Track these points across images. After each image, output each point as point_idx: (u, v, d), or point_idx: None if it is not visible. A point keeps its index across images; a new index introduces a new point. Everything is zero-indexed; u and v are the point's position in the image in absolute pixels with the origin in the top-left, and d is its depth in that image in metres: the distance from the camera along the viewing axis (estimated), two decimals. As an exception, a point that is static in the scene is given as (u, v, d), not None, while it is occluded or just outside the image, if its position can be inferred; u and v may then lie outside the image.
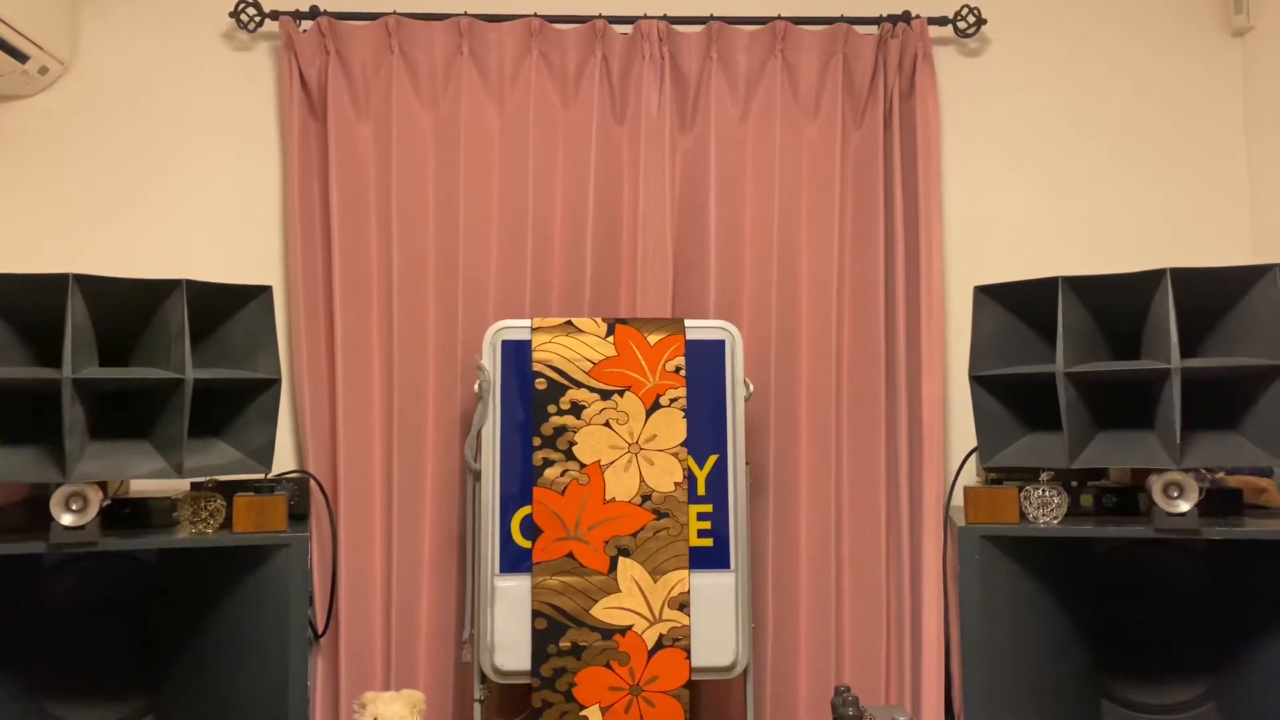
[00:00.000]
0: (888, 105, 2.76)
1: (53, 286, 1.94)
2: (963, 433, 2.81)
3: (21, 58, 2.53)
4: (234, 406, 2.15)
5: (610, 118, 2.74)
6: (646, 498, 2.40)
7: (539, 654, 2.34)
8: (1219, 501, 2.27)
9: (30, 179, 2.72)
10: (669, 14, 2.81)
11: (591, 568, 2.37)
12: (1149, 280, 2.09)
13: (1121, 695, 2.33)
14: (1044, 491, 2.22)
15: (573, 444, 2.40)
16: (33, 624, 2.17)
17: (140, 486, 2.51)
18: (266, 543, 2.11)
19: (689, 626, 2.37)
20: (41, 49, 2.57)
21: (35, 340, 2.02)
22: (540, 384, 2.42)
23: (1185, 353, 2.12)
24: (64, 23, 2.67)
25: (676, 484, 2.41)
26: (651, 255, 2.70)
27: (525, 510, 2.39)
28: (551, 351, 2.43)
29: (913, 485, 2.72)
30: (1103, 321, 2.18)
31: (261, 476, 2.37)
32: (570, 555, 2.37)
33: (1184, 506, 2.09)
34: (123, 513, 2.20)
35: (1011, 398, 2.24)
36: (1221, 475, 2.38)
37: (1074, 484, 2.37)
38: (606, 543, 2.38)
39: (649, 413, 2.43)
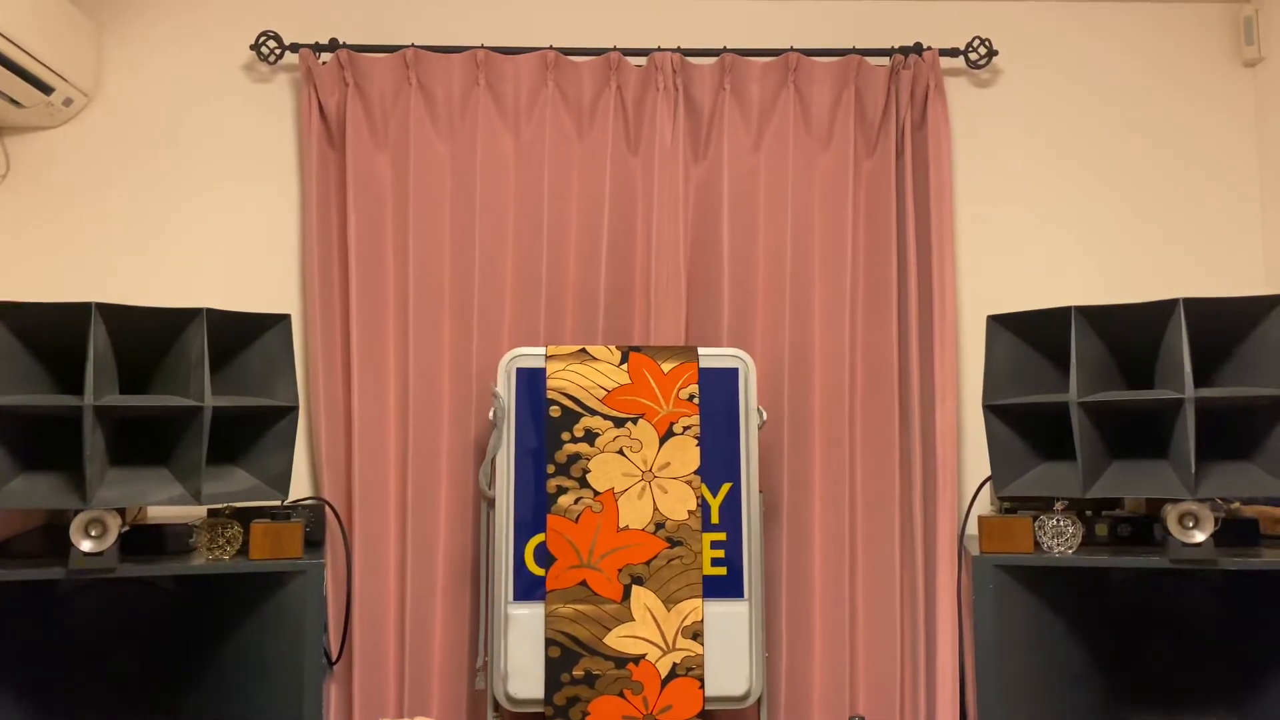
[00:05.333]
0: (900, 135, 2.78)
1: (75, 315, 1.97)
2: (976, 462, 2.81)
3: (47, 90, 2.58)
4: (252, 433, 2.17)
5: (625, 148, 2.77)
6: (660, 526, 2.40)
7: (552, 682, 2.34)
8: (1234, 532, 2.26)
9: (53, 208, 2.76)
10: (683, 46, 2.84)
11: (605, 596, 2.37)
12: (1162, 310, 2.10)
13: (1138, 727, 2.32)
14: (1058, 521, 2.22)
15: (586, 471, 2.41)
16: (50, 649, 2.19)
17: (158, 513, 2.53)
18: (282, 569, 2.12)
19: (702, 655, 2.36)
20: (66, 81, 2.62)
21: (57, 368, 2.05)
22: (554, 411, 2.43)
23: (1199, 382, 2.12)
24: (88, 55, 2.72)
25: (690, 512, 2.41)
26: (665, 284, 2.72)
27: (539, 538, 2.40)
28: (566, 379, 2.45)
29: (926, 514, 2.72)
30: (1116, 351, 2.19)
31: (278, 503, 2.39)
32: (584, 583, 2.37)
33: (1199, 537, 2.08)
34: (141, 539, 2.22)
35: (1025, 427, 2.24)
36: (1237, 505, 2.37)
37: (1088, 513, 2.37)
38: (620, 571, 2.38)
39: (662, 440, 2.44)
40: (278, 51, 2.76)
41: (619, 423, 2.43)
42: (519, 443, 2.43)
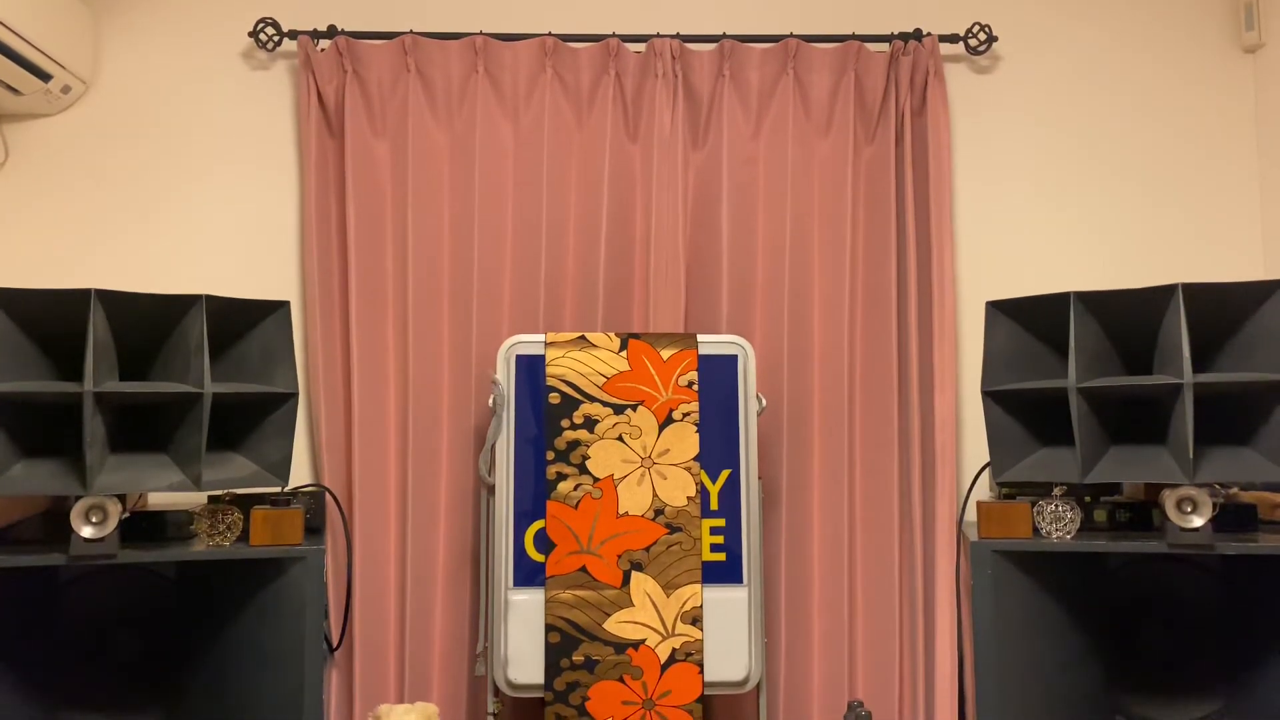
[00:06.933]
0: (899, 122, 2.78)
1: (75, 301, 1.97)
2: (975, 448, 2.81)
3: (45, 77, 2.57)
4: (251, 420, 2.17)
5: (624, 135, 2.77)
6: (659, 512, 2.41)
7: (552, 668, 2.35)
8: (1233, 517, 2.27)
9: (52, 195, 2.76)
10: (682, 32, 2.84)
11: (604, 582, 2.38)
12: (1161, 295, 2.10)
13: (1136, 712, 2.32)
14: (1057, 506, 2.23)
15: (586, 458, 2.42)
16: (50, 636, 2.19)
17: (158, 499, 2.53)
18: (282, 556, 2.13)
19: (702, 641, 2.37)
20: (64, 68, 2.61)
21: (57, 354, 2.05)
22: (554, 398, 2.43)
23: (1197, 368, 2.12)
24: (86, 42, 2.72)
25: (689, 498, 2.42)
26: (664, 271, 2.72)
27: (539, 524, 2.40)
28: (565, 366, 2.45)
29: (925, 500, 2.72)
30: (1115, 337, 2.19)
31: (278, 490, 2.39)
32: (583, 569, 2.38)
33: (1197, 522, 2.09)
34: (141, 525, 2.22)
35: (1024, 413, 2.24)
36: (1235, 490, 2.38)
37: (1087, 499, 2.37)
38: (619, 557, 2.39)
39: (662, 427, 2.44)
40: (276, 39, 2.76)
41: (618, 409, 2.44)
42: (519, 430, 2.44)
